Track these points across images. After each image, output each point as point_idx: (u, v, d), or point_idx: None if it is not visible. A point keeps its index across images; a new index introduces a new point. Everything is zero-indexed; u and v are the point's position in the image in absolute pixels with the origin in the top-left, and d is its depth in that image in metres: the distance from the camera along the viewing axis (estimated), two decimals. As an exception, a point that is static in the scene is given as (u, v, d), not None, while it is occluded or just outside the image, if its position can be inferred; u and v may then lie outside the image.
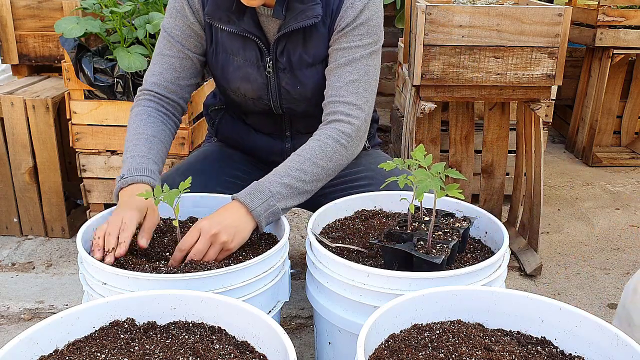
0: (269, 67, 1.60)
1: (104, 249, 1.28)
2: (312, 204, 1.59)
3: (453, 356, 1.01)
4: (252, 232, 1.40)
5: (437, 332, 1.08)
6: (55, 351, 1.03)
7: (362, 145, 1.59)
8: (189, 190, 1.30)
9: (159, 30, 2.10)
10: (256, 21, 1.57)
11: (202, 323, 1.11)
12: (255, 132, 1.81)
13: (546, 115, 2.79)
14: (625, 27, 3.21)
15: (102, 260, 1.26)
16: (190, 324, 1.11)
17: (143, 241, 1.33)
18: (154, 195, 1.29)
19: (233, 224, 1.34)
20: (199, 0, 1.58)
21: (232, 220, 1.35)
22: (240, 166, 1.82)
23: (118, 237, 1.29)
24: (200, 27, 1.61)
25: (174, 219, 1.32)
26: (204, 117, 2.39)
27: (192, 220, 1.54)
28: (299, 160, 1.46)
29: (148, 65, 2.09)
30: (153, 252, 1.37)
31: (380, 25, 1.60)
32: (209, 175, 1.72)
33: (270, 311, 1.31)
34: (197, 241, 1.31)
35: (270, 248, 1.30)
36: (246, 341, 1.07)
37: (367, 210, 1.59)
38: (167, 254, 1.36)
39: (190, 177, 1.32)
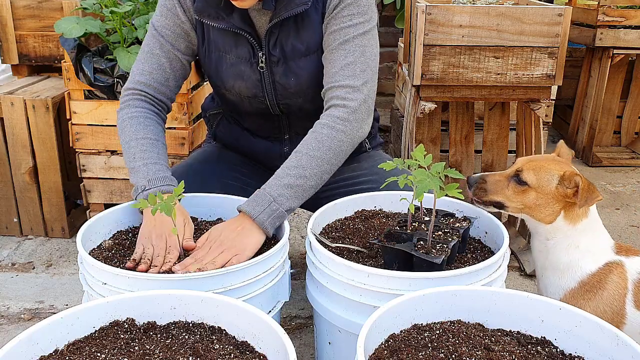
0: (261, 62, 1.57)
1: (149, 264, 1.30)
2: (313, 204, 1.59)
3: (453, 356, 1.01)
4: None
5: (437, 332, 1.08)
6: (55, 351, 1.03)
7: (366, 127, 1.52)
8: (182, 195, 1.31)
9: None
10: (246, 16, 1.54)
11: (202, 323, 1.11)
12: (253, 136, 1.79)
13: (546, 115, 2.78)
14: (625, 27, 3.21)
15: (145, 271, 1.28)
16: (190, 324, 1.11)
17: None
18: (149, 203, 1.29)
19: (239, 242, 1.34)
20: None
21: (238, 237, 1.35)
22: (239, 168, 1.80)
23: (165, 257, 1.32)
24: (191, 26, 1.58)
25: (174, 227, 1.31)
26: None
27: (200, 222, 1.55)
28: (297, 157, 1.44)
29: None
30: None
31: (371, 4, 1.55)
32: (207, 177, 1.71)
33: (270, 311, 1.31)
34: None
35: (270, 248, 1.30)
36: (246, 341, 1.07)
37: (367, 210, 1.59)
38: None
39: (182, 182, 1.32)
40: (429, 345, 1.04)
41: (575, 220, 1.38)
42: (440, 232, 1.34)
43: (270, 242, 1.44)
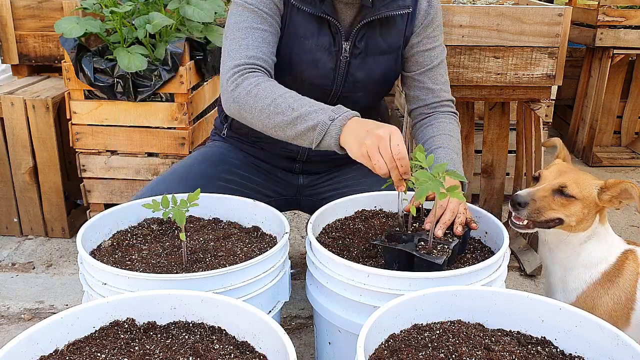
0: (345, 52, 1.59)
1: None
2: (313, 204, 1.58)
3: (453, 356, 1.01)
4: (253, 232, 1.45)
5: (437, 332, 1.08)
6: (55, 351, 1.03)
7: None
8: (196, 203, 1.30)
9: (159, 30, 2.09)
10: (333, 5, 1.56)
11: (202, 323, 1.11)
12: None
13: (546, 115, 2.79)
14: (625, 27, 3.21)
15: None
16: (190, 324, 1.11)
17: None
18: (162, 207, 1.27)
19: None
20: None
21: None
22: (239, 171, 1.77)
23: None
24: (282, 2, 1.55)
25: (182, 232, 1.30)
26: (204, 117, 2.39)
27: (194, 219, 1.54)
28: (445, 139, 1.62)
29: (148, 65, 2.09)
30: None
31: None
32: (207, 179, 1.68)
33: (270, 311, 1.31)
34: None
35: (271, 248, 1.30)
36: (246, 341, 1.07)
37: (367, 210, 1.59)
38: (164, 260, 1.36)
39: (199, 190, 1.30)
40: (429, 345, 1.04)
41: (605, 220, 1.47)
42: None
43: (270, 242, 1.44)
